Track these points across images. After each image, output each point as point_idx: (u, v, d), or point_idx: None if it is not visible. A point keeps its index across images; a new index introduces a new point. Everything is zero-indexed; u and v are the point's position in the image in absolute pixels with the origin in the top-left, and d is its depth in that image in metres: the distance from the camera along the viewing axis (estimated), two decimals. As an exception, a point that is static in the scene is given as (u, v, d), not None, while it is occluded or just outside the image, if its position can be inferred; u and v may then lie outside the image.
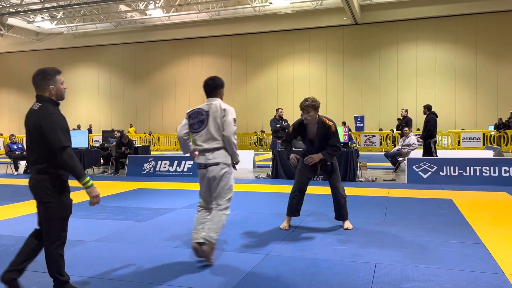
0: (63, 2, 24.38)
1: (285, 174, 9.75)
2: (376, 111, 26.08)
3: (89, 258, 3.96)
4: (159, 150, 23.54)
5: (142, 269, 3.66)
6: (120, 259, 3.95)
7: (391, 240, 4.46)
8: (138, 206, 6.60)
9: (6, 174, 11.87)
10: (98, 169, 12.39)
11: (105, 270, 3.65)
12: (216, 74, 26.13)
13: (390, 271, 3.53)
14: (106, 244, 4.43)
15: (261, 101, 28.23)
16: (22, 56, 32.97)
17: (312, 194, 7.59)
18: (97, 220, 5.57)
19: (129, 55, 31.01)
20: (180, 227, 5.16)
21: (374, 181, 9.28)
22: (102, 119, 31.04)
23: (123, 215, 5.94)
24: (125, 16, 27.42)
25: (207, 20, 27.68)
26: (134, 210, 6.28)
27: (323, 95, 27.12)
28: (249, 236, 4.70)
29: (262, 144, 23.35)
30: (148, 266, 3.75)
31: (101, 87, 31.88)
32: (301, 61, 27.52)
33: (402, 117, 12.59)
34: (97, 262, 3.86)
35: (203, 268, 3.66)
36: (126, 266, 3.73)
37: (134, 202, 6.99)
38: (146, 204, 6.77)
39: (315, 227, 5.12)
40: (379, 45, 26.04)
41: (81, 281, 3.37)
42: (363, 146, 21.38)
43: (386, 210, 6.06)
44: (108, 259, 3.95)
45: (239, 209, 6.24)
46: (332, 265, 3.70)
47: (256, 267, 3.65)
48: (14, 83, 33.56)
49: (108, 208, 6.43)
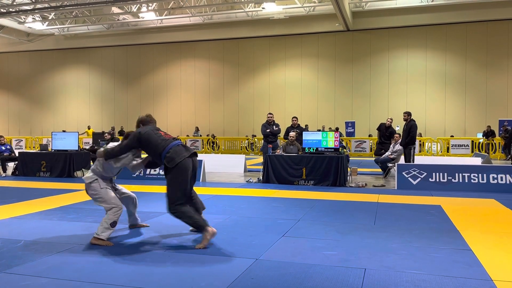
0: (55, 3, 24.22)
1: (276, 178, 9.75)
2: (367, 117, 26.26)
3: (75, 262, 3.91)
4: (150, 153, 23.42)
5: (129, 273, 3.63)
6: (107, 262, 3.91)
7: (381, 246, 4.48)
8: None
9: (-7, 176, 11.72)
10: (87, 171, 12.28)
11: (93, 273, 3.61)
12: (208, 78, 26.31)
13: (379, 276, 3.54)
14: (95, 248, 4.39)
15: (253, 105, 28.27)
16: (13, 57, 32.67)
17: (301, 199, 7.60)
18: (85, 223, 5.51)
19: (121, 58, 30.89)
20: (169, 231, 5.13)
21: (364, 186, 9.32)
22: (92, 121, 30.81)
23: (112, 219, 5.87)
24: (117, 18, 27.32)
25: (199, 24, 27.70)
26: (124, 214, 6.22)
27: (315, 101, 27.25)
28: (239, 241, 4.68)
29: (254, 149, 23.36)
30: (136, 269, 3.72)
31: (92, 89, 31.67)
32: (293, 66, 27.64)
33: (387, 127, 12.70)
34: (84, 266, 3.82)
35: (192, 273, 3.64)
36: (113, 270, 3.70)
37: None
38: (135, 208, 6.71)
39: (305, 232, 5.12)
40: (370, 51, 26.27)
41: (70, 285, 3.32)
42: (354, 152, 21.49)
43: (376, 216, 6.09)
44: (95, 263, 3.91)
45: (229, 214, 6.22)
46: (321, 270, 3.70)
47: (246, 272, 3.64)
48: (4, 84, 33.21)
49: (97, 211, 6.36)
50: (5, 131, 32.07)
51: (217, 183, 10.00)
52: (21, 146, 24.97)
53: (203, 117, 29.23)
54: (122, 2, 23.43)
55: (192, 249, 4.33)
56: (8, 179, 10.92)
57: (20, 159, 11.76)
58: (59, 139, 11.85)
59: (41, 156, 11.59)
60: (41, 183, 9.88)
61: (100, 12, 26.19)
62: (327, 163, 9.39)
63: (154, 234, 5.02)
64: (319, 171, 9.43)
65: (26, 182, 10.25)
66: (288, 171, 9.68)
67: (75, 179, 10.97)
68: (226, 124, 28.92)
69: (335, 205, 7.05)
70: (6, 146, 12.48)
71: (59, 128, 29.99)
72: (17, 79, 32.97)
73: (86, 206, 6.89)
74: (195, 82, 29.38)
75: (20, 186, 9.41)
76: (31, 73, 32.66)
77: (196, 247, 4.30)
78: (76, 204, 7.06)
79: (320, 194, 8.19)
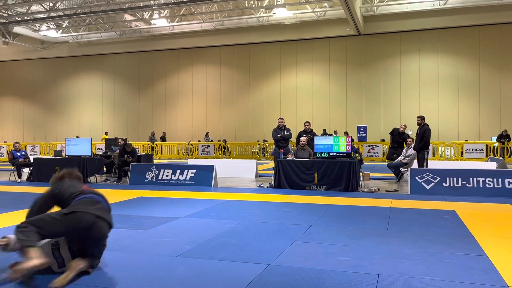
0: (68, 11, 24.62)
1: (287, 183, 9.73)
2: (379, 121, 26.08)
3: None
4: (162, 158, 23.57)
5: (141, 278, 3.65)
6: (120, 267, 3.94)
7: (394, 252, 4.43)
8: (140, 215, 6.59)
9: (9, 181, 11.90)
10: (100, 177, 12.40)
11: (106, 278, 3.63)
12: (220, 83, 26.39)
13: (393, 282, 3.50)
14: (107, 252, 4.41)
15: (264, 110, 28.29)
16: (27, 64, 33.23)
17: (313, 204, 7.57)
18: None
19: (133, 64, 31.20)
20: (182, 236, 5.15)
21: (377, 191, 9.25)
22: (105, 128, 31.12)
23: (125, 224, 5.92)
24: (129, 25, 27.65)
25: (211, 30, 27.87)
26: (136, 219, 6.27)
27: (326, 105, 27.17)
28: (251, 246, 4.67)
29: (265, 154, 23.35)
30: (149, 275, 3.73)
31: (105, 96, 32.03)
32: (304, 71, 27.62)
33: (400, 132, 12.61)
34: (96, 270, 3.84)
35: (204, 278, 3.64)
36: (126, 275, 3.72)
37: (136, 211, 6.98)
38: (148, 213, 6.76)
39: (318, 237, 5.09)
40: (382, 56, 26.14)
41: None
42: (366, 156, 21.34)
43: (389, 221, 6.03)
44: (109, 268, 3.94)
45: (241, 219, 6.22)
46: (334, 276, 3.67)
47: (258, 278, 3.63)
48: (19, 91, 33.77)
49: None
50: (20, 137, 32.57)
51: (228, 188, 10.01)
52: (36, 152, 25.33)
53: (214, 122, 29.34)
54: (135, 9, 23.73)
55: (205, 255, 4.33)
56: (23, 185, 11.08)
57: (35, 165, 11.94)
58: (72, 145, 12.00)
59: (55, 162, 11.74)
60: (55, 189, 9.98)
61: (112, 19, 26.53)
62: (339, 168, 9.34)
63: (166, 239, 5.04)
64: (331, 176, 9.39)
65: (40, 187, 10.37)
66: (299, 176, 9.65)
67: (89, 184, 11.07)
68: (238, 129, 28.98)
69: (347, 210, 7.00)
70: (21, 152, 12.67)
71: (73, 134, 30.35)
72: (32, 86, 33.49)
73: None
74: (206, 87, 29.53)
75: (35, 192, 9.53)
76: (45, 80, 33.16)
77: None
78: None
79: (332, 199, 8.15)
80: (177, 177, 10.77)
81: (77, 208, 3.69)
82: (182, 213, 6.68)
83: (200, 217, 6.43)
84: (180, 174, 10.79)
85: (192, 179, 10.65)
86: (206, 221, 6.11)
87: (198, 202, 7.86)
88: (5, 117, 34.37)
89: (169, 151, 25.33)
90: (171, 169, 10.95)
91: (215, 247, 4.61)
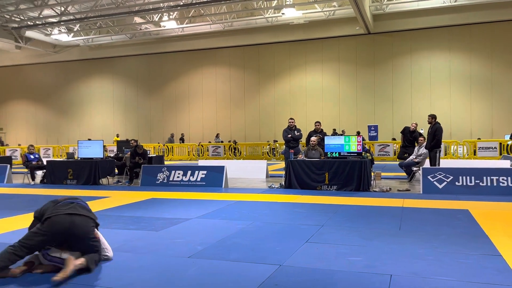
0: (79, 15, 24.90)
1: (298, 183, 9.70)
2: (390, 120, 25.90)
3: (102, 267, 3.98)
4: (173, 160, 23.68)
5: (152, 279, 3.67)
6: (132, 268, 3.96)
7: (407, 252, 4.39)
8: (152, 216, 6.63)
9: (23, 184, 12.06)
10: (112, 179, 12.50)
11: (116, 279, 3.66)
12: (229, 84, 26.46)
13: (406, 283, 3.47)
14: (119, 253, 4.45)
15: (274, 111, 28.27)
16: (40, 68, 33.65)
17: (324, 205, 7.54)
18: (111, 230, 5.60)
19: (144, 66, 31.42)
20: (193, 237, 5.17)
21: (389, 191, 9.18)
22: (116, 130, 31.37)
23: (137, 225, 5.97)
24: (139, 28, 27.86)
25: (220, 31, 27.95)
26: (148, 220, 6.32)
27: (336, 105, 27.06)
28: (262, 247, 4.67)
29: (275, 154, 23.33)
30: (161, 276, 3.75)
31: (116, 98, 32.30)
32: (314, 71, 27.55)
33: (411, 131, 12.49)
34: (109, 271, 3.88)
35: (215, 279, 3.65)
36: (138, 276, 3.74)
37: (148, 212, 7.03)
38: (159, 214, 6.80)
39: (329, 237, 5.07)
40: (392, 54, 25.95)
41: (96, 291, 3.39)
42: (377, 156, 21.20)
43: (401, 221, 5.98)
44: (120, 268, 3.97)
45: (252, 219, 6.22)
46: (346, 276, 3.65)
47: (269, 278, 3.63)
48: (32, 95, 34.22)
49: (122, 218, 6.47)
50: (34, 140, 32.97)
51: (239, 189, 10.02)
52: (49, 155, 25.63)
53: (224, 123, 29.41)
54: (144, 12, 23.91)
55: (216, 256, 4.34)
56: (37, 187, 11.22)
57: (48, 167, 12.07)
58: (84, 147, 12.12)
59: (68, 164, 11.87)
60: (68, 191, 10.11)
61: (123, 22, 26.76)
62: (350, 168, 9.29)
63: (178, 240, 5.06)
64: (342, 175, 9.34)
65: (54, 190, 10.50)
66: (310, 176, 9.62)
67: (101, 186, 11.18)
68: (248, 129, 29.00)
69: (359, 210, 6.96)
70: (35, 155, 12.84)
71: (85, 136, 30.65)
72: (44, 90, 33.90)
73: (112, 213, 7.01)
74: (216, 88, 29.61)
75: (49, 194, 9.64)
76: (57, 83, 33.54)
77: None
78: (102, 211, 7.18)
79: (343, 199, 8.12)
80: (188, 178, 10.81)
81: (48, 214, 3.82)
82: (193, 214, 6.71)
83: (211, 218, 6.45)
84: (191, 175, 10.83)
85: (203, 180, 10.69)
86: (218, 222, 6.13)
87: (209, 203, 7.88)
88: (18, 121, 34.85)
89: (180, 153, 25.44)
90: (182, 171, 10.99)
91: (226, 248, 4.62)
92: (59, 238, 3.80)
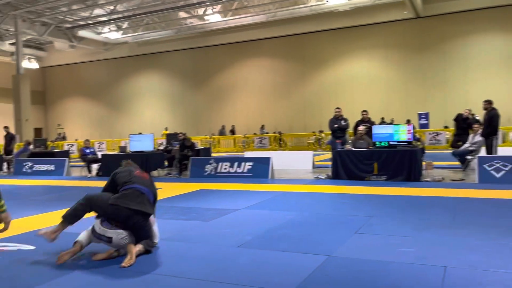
0: (127, 13, 25.71)
1: (346, 174, 9.56)
2: (442, 107, 24.83)
3: (156, 256, 4.14)
4: (220, 152, 24.05)
5: (204, 268, 3.77)
6: (184, 257, 4.09)
7: (461, 243, 4.23)
8: (202, 207, 6.79)
9: (80, 177, 12.71)
10: (162, 171, 12.89)
11: (171, 267, 3.80)
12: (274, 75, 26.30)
13: (462, 275, 3.35)
14: (172, 243, 4.61)
15: (319, 100, 27.93)
16: (92, 66, 35.17)
17: (373, 195, 7.40)
18: (163, 220, 5.77)
19: (189, 61, 32.00)
20: (242, 227, 5.24)
21: (441, 181, 8.85)
22: (165, 123, 32.23)
23: (187, 215, 6.14)
24: (184, 22, 28.35)
25: (263, 22, 27.87)
26: (198, 211, 6.48)
27: (384, 93, 26.32)
28: (311, 237, 4.67)
29: (321, 144, 23.09)
30: (212, 264, 3.85)
31: (164, 93, 33.16)
32: (360, 59, 26.90)
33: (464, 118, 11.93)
34: (162, 259, 4.03)
35: (265, 269, 3.69)
36: (191, 264, 3.86)
37: (198, 203, 7.20)
38: (208, 205, 6.95)
39: (379, 228, 4.98)
40: (443, 38, 24.81)
41: (149, 278, 3.53)
42: (428, 145, 20.44)
43: (454, 212, 5.76)
44: (174, 257, 4.11)
45: (299, 210, 6.22)
46: (398, 267, 3.58)
47: (319, 269, 3.63)
48: (86, 91, 35.88)
49: (173, 209, 6.67)
50: (88, 135, 34.54)
51: (285, 180, 10.03)
52: (103, 149, 26.79)
53: (269, 114, 29.42)
54: (189, 7, 24.29)
55: (265, 246, 4.39)
56: (93, 180, 11.79)
57: (103, 160, 12.65)
58: (136, 141, 12.57)
59: (121, 157, 12.33)
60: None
61: (168, 18, 27.33)
62: (400, 157, 9.04)
63: (227, 230, 5.16)
64: (391, 165, 9.11)
65: (108, 182, 10.96)
66: (358, 167, 9.45)
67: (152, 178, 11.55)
68: (293, 120, 28.86)
69: (409, 201, 6.77)
70: (91, 149, 13.49)
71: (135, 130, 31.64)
72: (96, 86, 35.44)
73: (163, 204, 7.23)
74: (260, 80, 29.65)
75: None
76: (108, 80, 34.95)
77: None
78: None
79: (393, 190, 7.92)
80: (235, 170, 10.96)
81: (119, 201, 4.07)
82: (241, 205, 6.80)
83: (259, 208, 6.51)
84: (238, 166, 10.96)
85: (249, 171, 10.79)
86: (265, 212, 6.18)
87: (256, 194, 7.95)
88: (74, 117, 36.72)
89: (226, 145, 25.77)
90: (229, 162, 11.15)
91: (275, 238, 4.66)
92: (115, 220, 4.10)
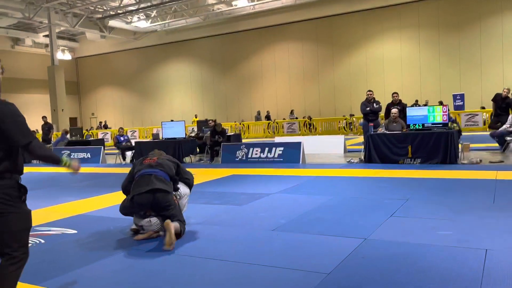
0: (156, 1, 25.90)
1: (379, 158, 9.42)
2: (478, 88, 23.96)
3: (193, 239, 4.23)
4: (249, 138, 24.14)
5: (241, 251, 3.82)
6: (220, 240, 4.17)
7: (503, 226, 4.11)
8: (234, 191, 6.86)
9: (115, 164, 13.06)
10: (194, 157, 13.07)
11: (207, 250, 3.88)
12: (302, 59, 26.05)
13: (504, 258, 3.27)
14: (208, 226, 4.70)
15: (350, 84, 27.47)
16: (123, 55, 35.77)
17: (408, 178, 7.27)
18: (198, 205, 5.89)
19: (217, 47, 32.03)
20: (275, 211, 5.28)
21: (479, 163, 8.59)
22: (195, 110, 32.57)
23: (221, 200, 6.23)
24: (212, 9, 28.33)
25: (291, 5, 27.51)
26: (231, 195, 6.55)
27: (417, 74, 25.60)
28: (345, 221, 4.65)
29: (352, 128, 22.78)
30: (247, 247, 3.90)
31: (193, 80, 33.42)
32: (391, 40, 26.19)
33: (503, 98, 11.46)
34: (199, 242, 4.12)
35: (300, 252, 3.71)
36: (226, 247, 3.93)
37: (230, 188, 7.29)
38: (241, 189, 7.02)
39: (415, 211, 4.90)
40: (479, 15, 23.78)
41: (187, 260, 3.62)
42: (465, 127, 19.81)
43: (494, 194, 5.59)
44: (210, 240, 4.19)
45: (333, 194, 6.19)
46: (436, 250, 3.52)
47: (355, 251, 3.62)
48: (117, 81, 36.61)
49: (206, 194, 6.78)
50: (121, 123, 35.39)
51: (317, 165, 9.98)
52: (135, 136, 27.40)
53: (298, 99, 29.21)
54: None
55: (300, 229, 4.41)
56: (127, 166, 12.08)
57: (137, 148, 12.93)
58: (168, 128, 12.78)
59: (154, 144, 12.58)
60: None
61: (196, 4, 27.37)
62: (435, 140, 8.82)
63: (261, 214, 5.20)
64: (426, 148, 8.90)
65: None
66: (392, 150, 9.29)
67: (184, 164, 11.75)
68: (322, 104, 28.55)
69: (446, 184, 6.62)
70: (124, 137, 13.81)
71: (166, 118, 32.21)
72: (127, 75, 36.08)
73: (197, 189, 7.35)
74: (289, 64, 29.38)
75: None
76: (139, 68, 35.49)
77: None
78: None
79: (429, 173, 7.75)
80: (266, 155, 10.98)
81: (132, 193, 4.32)
82: (273, 189, 6.83)
83: (291, 193, 6.52)
84: (269, 152, 10.98)
85: (280, 156, 10.79)
86: (298, 196, 6.19)
87: (288, 179, 7.96)
88: (107, 105, 37.62)
89: (256, 131, 25.83)
90: (259, 148, 11.19)
91: (309, 222, 4.67)
92: (144, 208, 4.32)
